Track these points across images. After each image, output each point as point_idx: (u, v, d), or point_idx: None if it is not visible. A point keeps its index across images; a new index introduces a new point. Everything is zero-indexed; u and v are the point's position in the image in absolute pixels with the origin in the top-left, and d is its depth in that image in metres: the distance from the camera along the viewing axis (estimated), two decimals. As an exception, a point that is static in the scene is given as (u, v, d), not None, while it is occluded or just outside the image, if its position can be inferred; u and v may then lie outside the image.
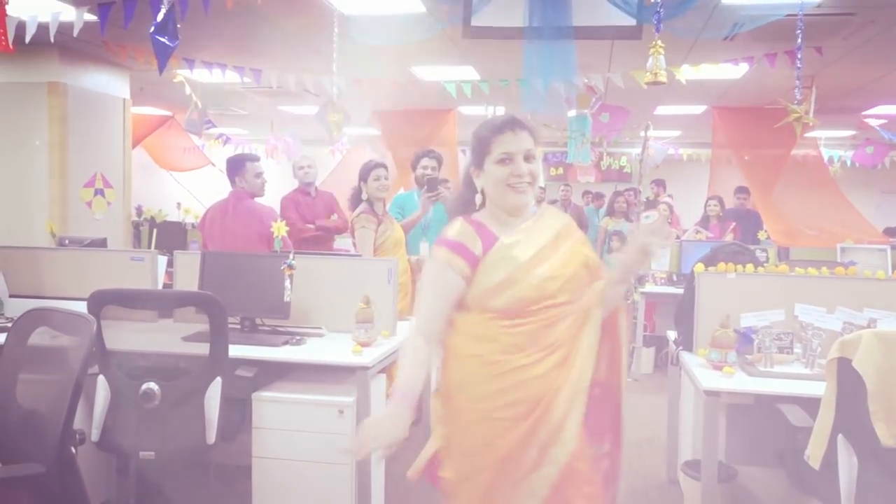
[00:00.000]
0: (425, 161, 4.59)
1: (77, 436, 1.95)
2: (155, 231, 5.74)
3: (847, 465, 2.10)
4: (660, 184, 9.58)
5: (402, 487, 3.52)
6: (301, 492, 2.82)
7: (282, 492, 2.84)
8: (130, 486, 3.25)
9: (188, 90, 6.47)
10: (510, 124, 1.93)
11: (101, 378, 2.62)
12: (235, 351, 2.86)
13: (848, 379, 2.07)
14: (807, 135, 7.45)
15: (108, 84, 6.71)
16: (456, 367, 1.96)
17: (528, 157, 1.93)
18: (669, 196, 9.33)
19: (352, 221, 4.10)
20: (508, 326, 1.90)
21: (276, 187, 4.31)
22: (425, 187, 4.34)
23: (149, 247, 6.49)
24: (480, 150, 1.96)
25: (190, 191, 10.53)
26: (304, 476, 2.82)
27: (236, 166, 4.05)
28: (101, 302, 2.53)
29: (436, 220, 4.65)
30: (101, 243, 3.99)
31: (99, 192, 6.55)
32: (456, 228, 1.96)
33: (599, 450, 2.02)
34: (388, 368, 3.92)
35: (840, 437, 2.12)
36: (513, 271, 1.89)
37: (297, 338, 3.13)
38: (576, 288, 1.95)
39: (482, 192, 1.99)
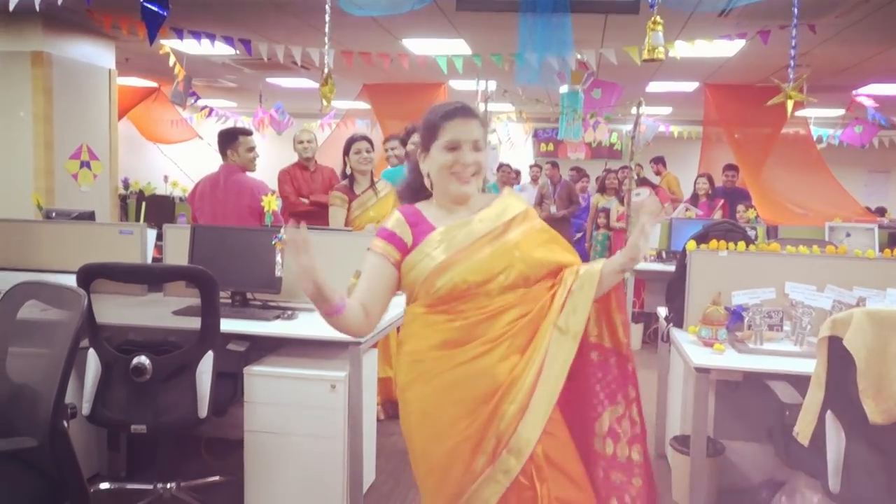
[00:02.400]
0: (416, 136, 4.55)
1: (69, 410, 1.94)
2: (144, 205, 5.67)
3: (835, 441, 2.13)
4: (659, 161, 9.58)
5: (393, 460, 3.55)
6: (293, 466, 2.83)
7: (273, 466, 2.85)
8: (122, 460, 3.26)
9: (172, 61, 6.36)
10: (461, 111, 1.90)
11: (91, 352, 2.60)
12: (227, 325, 2.85)
13: (838, 357, 2.09)
14: (797, 114, 7.47)
15: (93, 54, 6.59)
16: (403, 366, 1.93)
17: (476, 147, 1.88)
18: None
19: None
20: (446, 321, 1.84)
21: (262, 162, 4.24)
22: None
23: (137, 220, 6.43)
24: (429, 134, 1.92)
25: (177, 164, 10.44)
26: (295, 450, 2.83)
27: (228, 139, 3.99)
28: (90, 275, 2.50)
29: None
30: (90, 216, 3.94)
31: (85, 164, 6.47)
32: (392, 219, 1.94)
33: (615, 412, 2.00)
34: (379, 342, 3.94)
35: (829, 414, 2.14)
36: (442, 261, 1.83)
37: (289, 312, 3.12)
38: (520, 279, 1.88)
39: (428, 177, 1.95)
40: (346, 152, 4.05)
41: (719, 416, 3.24)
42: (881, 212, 9.25)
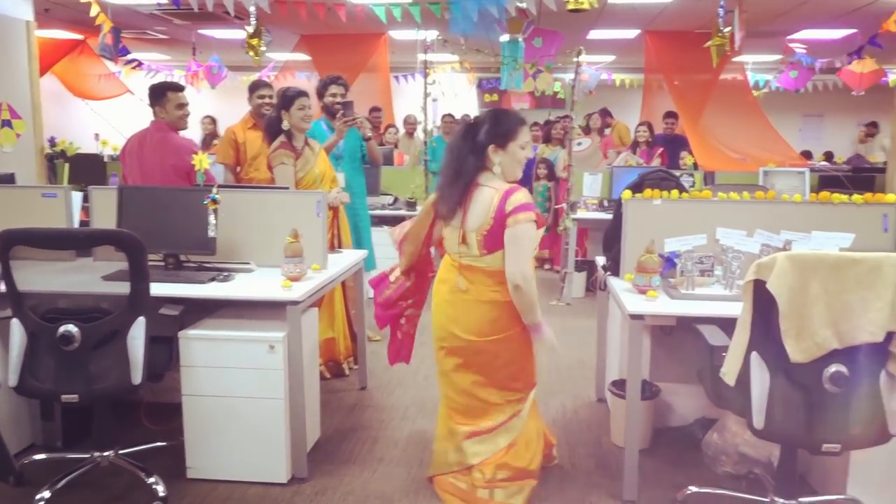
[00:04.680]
0: (334, 88, 4.39)
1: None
2: (67, 165, 5.42)
3: (759, 380, 2.21)
4: (605, 113, 9.56)
5: (338, 416, 3.56)
6: (234, 428, 2.82)
7: (214, 428, 2.83)
8: (56, 429, 3.18)
9: (95, 10, 6.02)
10: (526, 122, 2.66)
11: (14, 321, 2.50)
12: (160, 289, 2.78)
13: (762, 300, 2.16)
14: (734, 59, 7.55)
15: (8, 5, 6.17)
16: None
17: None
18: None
19: (268, 157, 3.89)
20: None
21: (197, 118, 4.06)
22: (341, 112, 4.20)
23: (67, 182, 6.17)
24: (506, 134, 2.58)
25: (109, 121, 9.99)
26: (236, 412, 2.81)
27: (156, 95, 3.80)
28: (8, 242, 2.39)
29: (348, 149, 4.52)
30: (9, 179, 3.76)
31: (6, 123, 6.12)
32: (526, 195, 2.56)
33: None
34: (323, 303, 3.90)
35: (753, 355, 2.22)
36: None
37: (225, 274, 3.06)
38: None
39: (499, 165, 2.59)
40: (287, 107, 3.86)
41: (655, 360, 3.34)
42: (807, 156, 9.52)
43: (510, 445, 2.66)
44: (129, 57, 7.98)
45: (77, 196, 3.54)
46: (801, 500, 2.48)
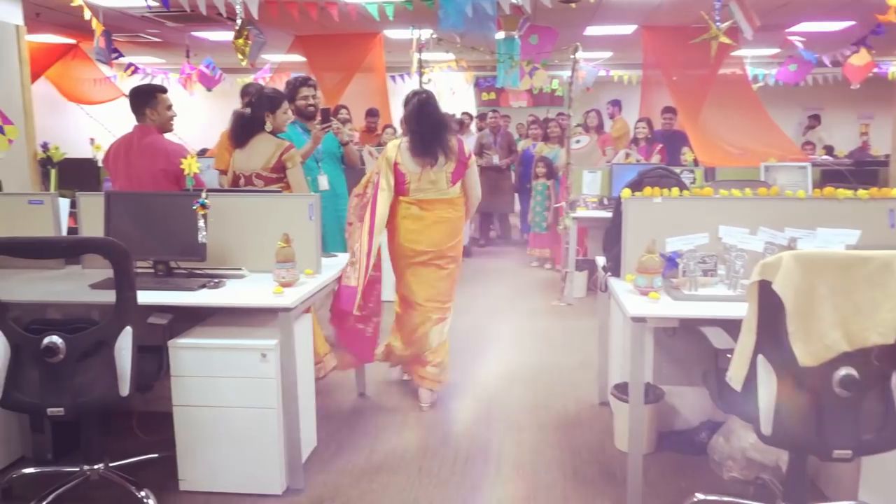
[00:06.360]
0: (305, 91, 4.32)
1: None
2: (53, 171, 5.33)
3: (766, 384, 2.13)
4: (615, 104, 9.48)
5: (335, 423, 3.49)
6: (227, 438, 2.74)
7: (206, 439, 2.76)
8: (46, 441, 3.11)
9: (88, 14, 5.95)
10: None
11: (-3, 333, 2.43)
12: (148, 297, 2.71)
13: (768, 301, 2.08)
14: (732, 53, 7.47)
15: (-4, 9, 6.12)
16: None
17: None
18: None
19: (281, 158, 3.80)
20: None
21: (192, 121, 3.97)
22: (320, 118, 4.15)
23: (59, 187, 6.09)
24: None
25: (105, 125, 9.91)
26: (228, 423, 2.73)
27: (146, 98, 3.71)
28: (-12, 252, 2.32)
29: (327, 152, 4.46)
30: (-5, 186, 3.68)
31: (-3, 129, 6.05)
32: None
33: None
34: (315, 306, 3.83)
35: (760, 358, 2.14)
36: None
37: (216, 280, 2.98)
38: None
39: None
40: (273, 109, 3.81)
41: (658, 363, 3.25)
42: (811, 149, 9.45)
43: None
44: (125, 61, 7.90)
45: (65, 202, 3.46)
46: (810, 506, 2.41)
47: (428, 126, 3.59)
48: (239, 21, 4.03)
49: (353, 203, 3.71)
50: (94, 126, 10.12)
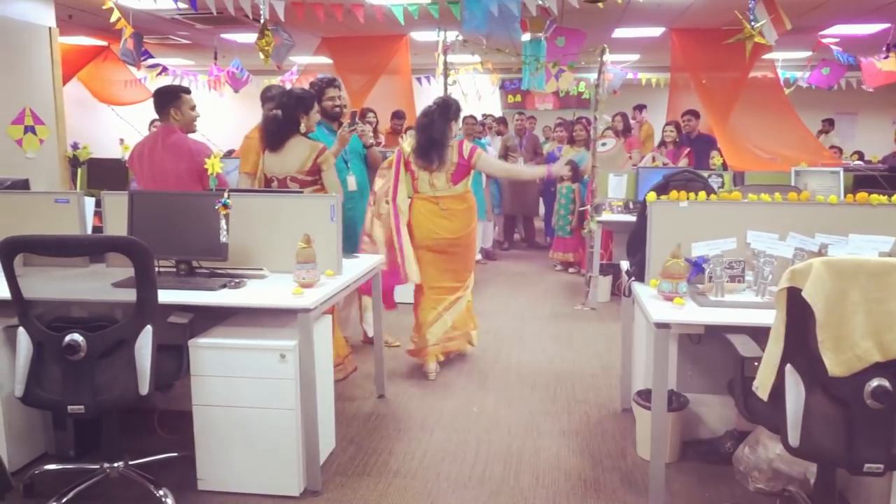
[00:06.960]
0: (332, 91, 4.28)
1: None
2: (80, 170, 5.41)
3: (794, 394, 2.07)
4: (640, 109, 9.42)
5: (354, 426, 3.47)
6: (245, 439, 2.74)
7: (225, 439, 2.75)
8: (69, 438, 3.14)
9: (114, 17, 6.03)
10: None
11: (20, 330, 2.45)
12: (169, 296, 2.72)
13: (797, 309, 2.02)
14: (764, 56, 7.34)
15: (30, 11, 6.23)
16: None
17: None
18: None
19: (317, 161, 3.79)
20: None
21: (220, 122, 3.99)
22: (350, 121, 4.15)
23: (89, 187, 6.17)
24: (456, 113, 4.20)
25: (134, 126, 10.06)
26: (247, 423, 2.73)
27: (171, 98, 3.74)
28: (12, 250, 2.34)
29: (353, 152, 4.46)
30: (23, 185, 3.72)
31: (29, 128, 6.17)
32: (463, 141, 4.20)
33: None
34: (333, 308, 3.82)
35: (788, 367, 2.08)
36: None
37: (237, 280, 2.98)
38: None
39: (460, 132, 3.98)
40: (307, 110, 3.81)
41: (682, 370, 3.20)
42: (839, 152, 9.26)
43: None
44: (152, 62, 8.00)
45: (90, 202, 3.50)
46: (839, 520, 2.34)
47: (426, 139, 4.08)
48: (262, 20, 4.03)
49: (379, 185, 4.22)
50: (124, 127, 10.28)
